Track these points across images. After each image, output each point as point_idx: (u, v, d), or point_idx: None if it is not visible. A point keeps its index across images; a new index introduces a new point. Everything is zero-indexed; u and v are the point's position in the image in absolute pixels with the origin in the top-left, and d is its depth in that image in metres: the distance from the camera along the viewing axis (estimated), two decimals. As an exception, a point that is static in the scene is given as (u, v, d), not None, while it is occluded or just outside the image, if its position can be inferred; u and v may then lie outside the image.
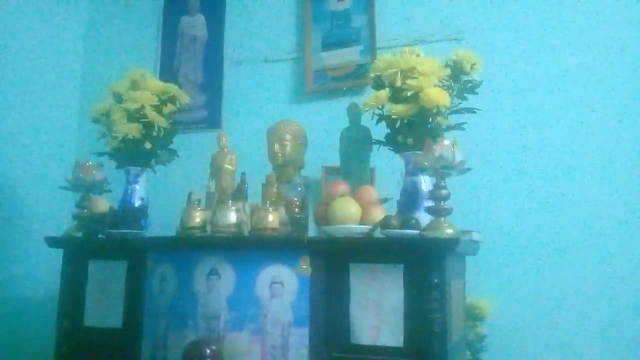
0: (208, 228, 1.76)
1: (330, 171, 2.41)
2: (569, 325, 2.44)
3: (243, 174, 1.93)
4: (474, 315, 2.55)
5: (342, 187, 1.77)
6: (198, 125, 2.88)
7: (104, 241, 1.90)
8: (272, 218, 1.70)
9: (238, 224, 1.72)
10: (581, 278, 2.39)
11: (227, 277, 1.66)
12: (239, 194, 1.90)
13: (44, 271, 2.73)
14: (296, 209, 1.86)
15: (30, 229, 2.70)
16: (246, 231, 1.74)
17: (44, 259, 2.64)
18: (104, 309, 1.85)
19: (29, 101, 2.82)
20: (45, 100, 2.92)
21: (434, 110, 1.73)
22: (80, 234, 1.93)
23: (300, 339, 1.62)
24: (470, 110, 1.84)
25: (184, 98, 2.18)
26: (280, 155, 1.98)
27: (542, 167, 2.38)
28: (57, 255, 1.98)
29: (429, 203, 1.67)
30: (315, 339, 1.62)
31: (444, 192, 1.62)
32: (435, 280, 1.56)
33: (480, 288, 2.55)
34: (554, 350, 2.48)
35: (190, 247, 1.71)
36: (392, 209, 1.83)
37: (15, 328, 2.72)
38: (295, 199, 1.90)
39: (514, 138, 2.42)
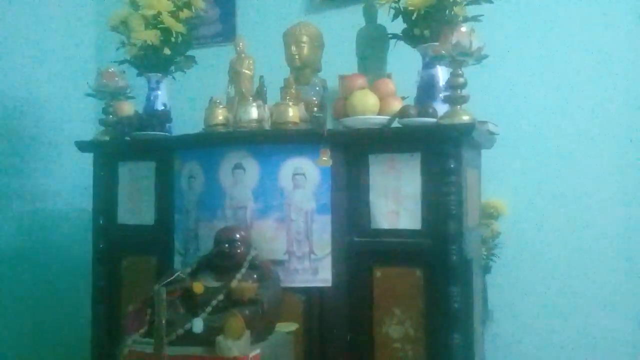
0: (231, 126, 1.82)
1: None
2: (585, 224, 2.52)
3: (261, 77, 1.96)
4: (489, 214, 2.62)
5: (360, 80, 1.80)
6: (213, 40, 2.89)
7: (131, 143, 1.97)
8: (292, 112, 1.75)
9: (259, 120, 1.78)
10: (601, 175, 2.44)
11: (251, 171, 1.73)
12: (258, 96, 1.94)
13: (75, 183, 2.86)
14: (315, 108, 1.90)
15: (59, 141, 2.80)
16: (267, 127, 1.80)
17: (75, 171, 2.76)
18: (136, 207, 1.95)
19: (46, 19, 2.84)
20: (63, 15, 2.94)
21: (451, 0, 1.72)
22: (108, 138, 2.01)
23: (323, 225, 1.71)
24: (488, 0, 1.82)
25: (200, 3, 2.18)
26: (297, 57, 2.00)
27: (566, 62, 2.37)
28: (86, 166, 2.08)
29: (445, 92, 1.70)
30: (337, 225, 1.71)
31: (461, 80, 1.65)
32: (452, 165, 1.62)
33: (496, 186, 2.62)
34: (570, 247, 2.57)
35: (214, 143, 1.78)
36: (410, 105, 1.86)
37: (52, 238, 2.89)
38: (314, 99, 1.94)
39: (536, 27, 2.40)
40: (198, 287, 1.51)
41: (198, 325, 1.44)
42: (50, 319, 2.86)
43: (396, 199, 1.70)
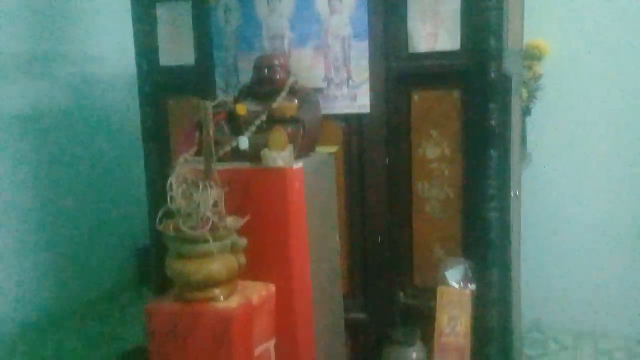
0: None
1: None
2: (628, 70, 2.43)
3: None
4: (531, 55, 2.55)
5: None
6: None
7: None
8: None
9: (292, -55, 1.73)
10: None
11: (287, -1, 1.72)
12: None
13: (120, 47, 2.90)
14: None
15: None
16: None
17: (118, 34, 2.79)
18: (176, 48, 1.98)
19: None
20: None
21: None
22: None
23: (360, 51, 1.71)
24: None
25: None
26: None
27: None
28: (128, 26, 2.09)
29: None
30: (374, 50, 1.71)
31: None
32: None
33: (540, 25, 2.53)
34: (612, 91, 2.50)
35: (248, -27, 1.75)
36: None
37: (98, 101, 3.00)
38: None
39: None
40: (241, 109, 1.57)
41: (243, 142, 1.52)
42: (102, 179, 3.05)
43: (435, 20, 1.67)
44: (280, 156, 1.44)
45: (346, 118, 1.76)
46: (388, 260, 1.80)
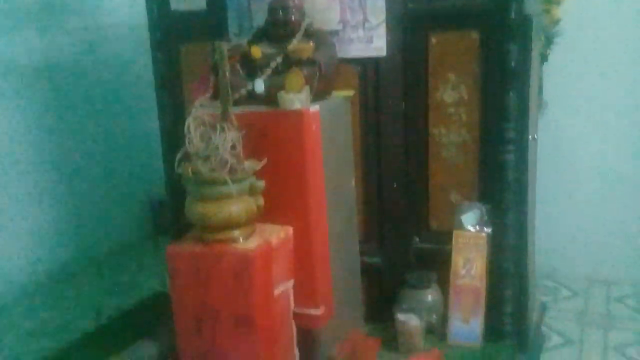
0: None
1: None
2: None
3: None
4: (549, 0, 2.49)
5: None
6: None
7: None
8: None
9: None
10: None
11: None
12: None
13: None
14: None
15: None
16: None
17: None
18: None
19: None
20: None
21: None
22: None
23: (376, -7, 1.66)
24: None
25: None
26: None
27: None
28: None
29: None
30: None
31: None
32: None
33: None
34: (629, 39, 2.44)
35: None
36: None
37: (110, 53, 2.97)
38: None
39: None
40: (256, 51, 1.54)
41: (259, 85, 1.50)
42: (107, 131, 3.04)
43: (453, -42, 1.62)
44: (298, 98, 1.43)
45: (362, 62, 1.73)
46: (404, 205, 1.80)
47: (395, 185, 1.78)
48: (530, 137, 1.68)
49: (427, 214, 1.81)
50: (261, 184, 1.39)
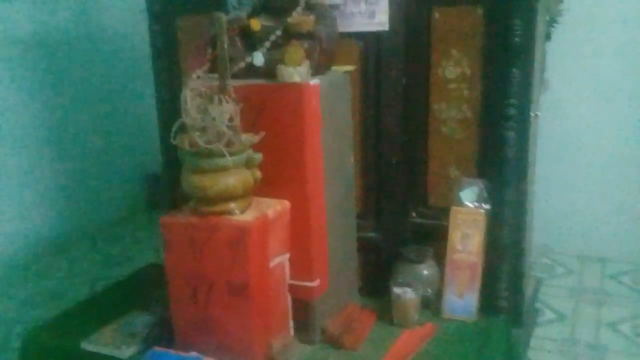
0: None
1: None
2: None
3: None
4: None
5: None
6: None
7: None
8: None
9: None
10: None
11: None
12: None
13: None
14: None
15: None
16: None
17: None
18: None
19: None
20: None
21: None
22: None
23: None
24: None
25: None
26: None
27: None
28: None
29: None
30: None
31: None
32: None
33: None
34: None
35: None
36: None
37: (106, 23, 2.93)
38: None
39: None
40: (255, 24, 1.52)
41: (258, 58, 1.49)
42: (102, 103, 3.02)
43: None
44: (297, 71, 1.41)
45: (364, 36, 1.70)
46: (402, 181, 1.80)
47: (394, 161, 1.78)
48: (532, 114, 1.67)
49: (425, 190, 1.81)
50: (259, 156, 1.39)
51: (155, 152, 2.16)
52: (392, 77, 1.72)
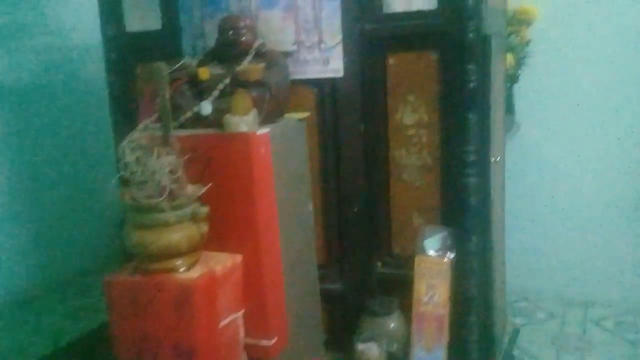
0: None
1: None
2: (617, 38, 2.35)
3: None
4: (519, 20, 2.47)
5: None
6: None
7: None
8: None
9: None
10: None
11: (253, -45, 1.63)
12: None
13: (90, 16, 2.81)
14: None
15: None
16: None
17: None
18: (142, 13, 1.90)
19: None
20: None
21: None
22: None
23: (332, 12, 1.62)
24: None
25: None
26: None
27: None
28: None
29: None
30: (347, 11, 1.62)
31: None
32: None
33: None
34: (601, 62, 2.41)
35: None
36: None
37: (71, 72, 2.92)
38: None
39: None
40: (204, 73, 1.49)
41: (206, 107, 1.45)
42: (71, 151, 2.98)
43: (409, -22, 1.58)
44: (244, 121, 1.37)
45: (319, 83, 1.68)
46: (365, 230, 1.75)
47: (355, 209, 1.73)
48: (492, 159, 1.63)
49: (389, 239, 1.75)
50: (204, 210, 1.33)
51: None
52: (350, 123, 1.69)
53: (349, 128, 1.69)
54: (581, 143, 2.51)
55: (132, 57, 1.94)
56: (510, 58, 2.40)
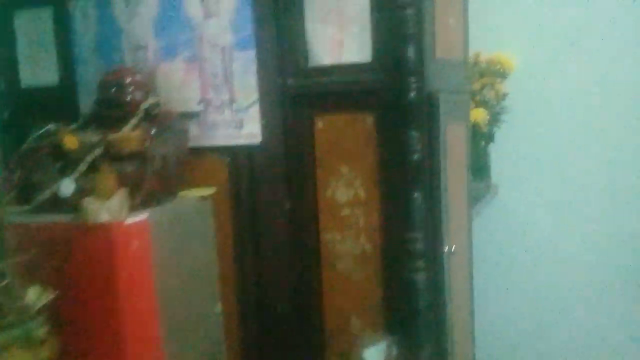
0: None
1: None
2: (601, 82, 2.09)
3: None
4: (493, 72, 2.18)
5: None
6: None
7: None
8: None
9: None
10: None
11: (150, -2, 1.34)
12: None
13: None
14: None
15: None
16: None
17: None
18: (38, 66, 1.61)
19: None
20: None
21: None
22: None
23: (245, 65, 1.32)
24: None
25: None
26: None
27: None
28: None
29: None
30: (264, 64, 1.32)
31: None
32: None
33: (503, 36, 2.18)
34: (587, 113, 2.14)
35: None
36: None
37: None
38: None
39: None
40: (71, 142, 1.17)
41: (67, 187, 1.13)
42: None
43: (339, 23, 1.28)
44: (106, 207, 1.04)
45: (232, 151, 1.36)
46: (292, 334, 1.38)
47: (279, 309, 1.37)
48: (446, 249, 1.29)
49: (323, 346, 1.39)
50: (42, 330, 0.98)
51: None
52: (272, 201, 1.36)
53: (271, 206, 1.36)
54: (562, 204, 2.19)
55: (27, 116, 1.63)
56: (483, 114, 2.11)
